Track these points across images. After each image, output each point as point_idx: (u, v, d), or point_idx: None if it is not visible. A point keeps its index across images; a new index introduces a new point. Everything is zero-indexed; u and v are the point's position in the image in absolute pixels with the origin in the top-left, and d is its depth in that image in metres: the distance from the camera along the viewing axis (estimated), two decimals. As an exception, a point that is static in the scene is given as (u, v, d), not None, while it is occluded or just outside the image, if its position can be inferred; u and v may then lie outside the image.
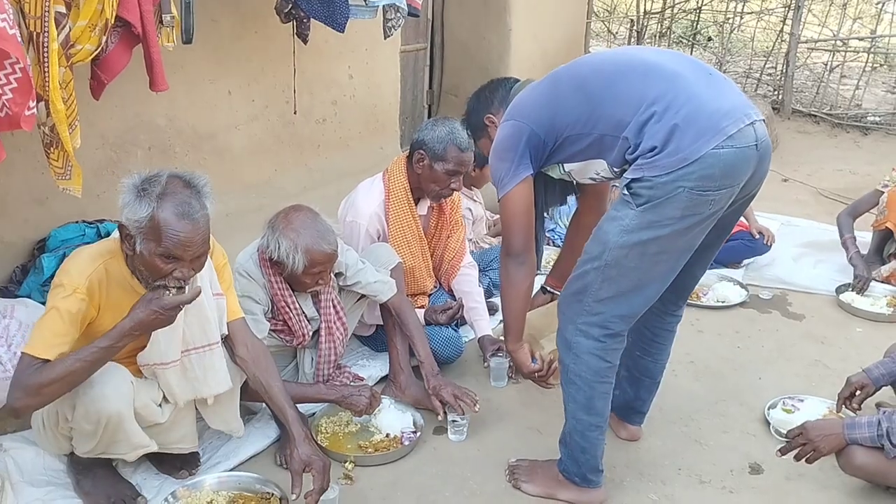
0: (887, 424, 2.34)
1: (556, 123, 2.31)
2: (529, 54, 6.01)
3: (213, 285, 2.34)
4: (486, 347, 3.23)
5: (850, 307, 3.99)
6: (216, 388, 2.36)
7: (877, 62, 8.76)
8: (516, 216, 2.42)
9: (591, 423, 2.43)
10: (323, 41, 4.06)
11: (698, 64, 2.31)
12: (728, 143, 2.12)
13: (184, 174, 2.13)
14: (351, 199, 3.29)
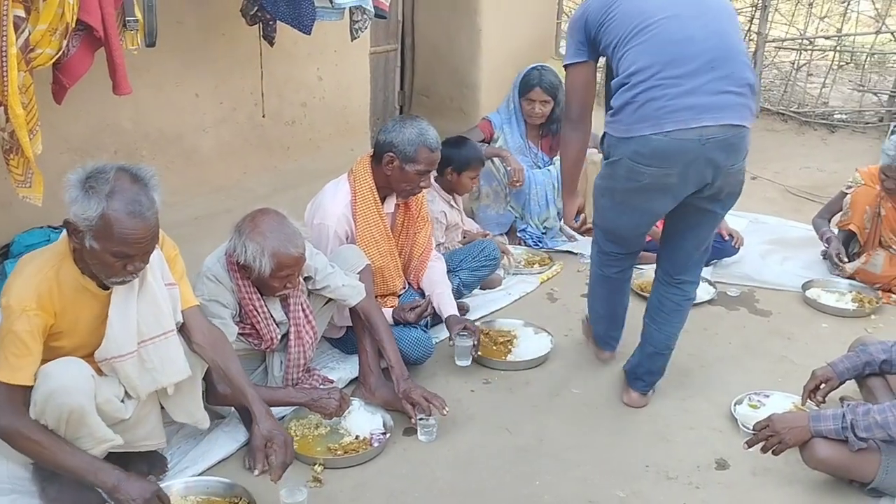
0: (851, 417, 2.38)
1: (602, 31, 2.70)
2: (499, 55, 6.02)
3: (164, 275, 2.35)
4: (452, 327, 3.26)
5: (817, 303, 4.04)
6: (175, 377, 2.36)
7: (843, 60, 8.87)
8: (573, 89, 2.93)
9: (591, 307, 3.31)
10: (291, 43, 4.05)
11: (714, 53, 2.54)
12: (661, 134, 2.53)
13: (130, 167, 2.14)
14: (317, 202, 3.28)
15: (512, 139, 4.67)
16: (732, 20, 2.72)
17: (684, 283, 3.00)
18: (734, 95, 2.55)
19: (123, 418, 2.31)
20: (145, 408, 2.39)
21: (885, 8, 8.44)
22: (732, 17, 2.73)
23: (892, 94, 7.88)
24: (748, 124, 2.62)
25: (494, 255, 3.90)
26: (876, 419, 2.34)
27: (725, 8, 2.72)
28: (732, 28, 2.68)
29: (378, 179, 3.24)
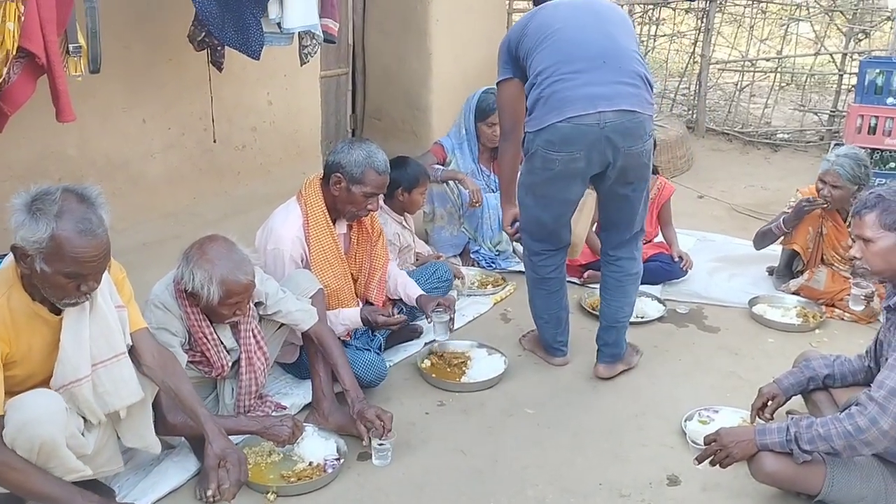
0: (795, 430, 2.43)
1: (519, 47, 3.12)
2: (451, 77, 6.07)
3: (112, 297, 2.33)
4: (426, 305, 3.44)
5: (763, 319, 4.13)
6: (128, 399, 2.33)
7: (784, 82, 9.13)
8: (503, 104, 3.36)
9: (535, 314, 3.55)
10: (240, 68, 4.04)
11: (605, 50, 3.00)
12: (565, 121, 2.96)
13: (76, 187, 2.13)
14: (268, 227, 3.26)
15: (464, 163, 4.72)
16: (624, 26, 3.15)
17: (620, 260, 3.38)
18: (627, 86, 3.00)
19: (86, 454, 2.28)
20: (104, 436, 2.36)
21: (823, 30, 8.73)
22: (624, 23, 3.17)
23: (831, 114, 8.13)
24: (642, 111, 3.03)
25: (447, 277, 3.92)
26: (819, 432, 2.40)
27: (617, 16, 3.16)
28: (623, 32, 3.10)
29: (328, 201, 3.24)
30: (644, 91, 3.04)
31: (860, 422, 2.33)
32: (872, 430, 2.32)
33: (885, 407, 2.31)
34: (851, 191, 4.11)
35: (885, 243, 2.44)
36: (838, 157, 4.12)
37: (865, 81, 6.72)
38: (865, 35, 8.53)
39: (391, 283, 3.59)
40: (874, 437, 2.32)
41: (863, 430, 2.33)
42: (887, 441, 2.33)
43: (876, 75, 6.68)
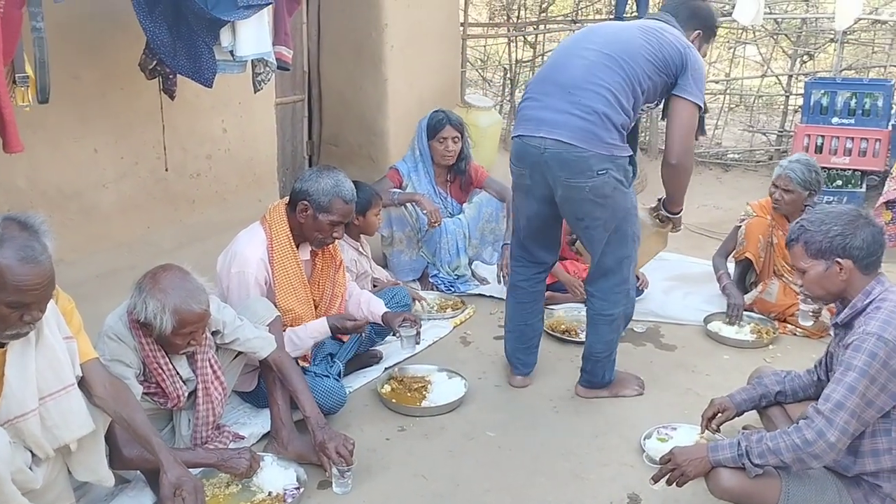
0: (746, 444, 2.47)
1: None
2: (406, 102, 6.11)
3: (60, 328, 2.28)
4: (392, 321, 3.46)
5: (718, 336, 4.20)
6: (78, 431, 2.28)
7: (733, 103, 9.35)
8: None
9: (505, 329, 3.65)
10: (194, 96, 4.02)
11: (573, 79, 3.08)
12: (517, 137, 3.19)
13: (18, 215, 2.10)
14: (232, 251, 3.24)
15: (420, 187, 4.73)
16: (622, 58, 3.07)
17: (591, 297, 3.40)
18: (577, 118, 3.02)
19: (34, 489, 2.21)
20: (54, 470, 2.30)
21: (770, 53, 8.95)
22: (625, 56, 3.07)
23: (779, 134, 8.33)
24: (585, 146, 3.02)
25: (406, 302, 3.92)
26: (768, 445, 2.44)
27: (623, 47, 3.11)
28: (613, 64, 3.06)
29: (293, 227, 3.24)
30: (596, 128, 3.01)
31: (808, 435, 2.38)
32: (819, 442, 2.36)
33: (831, 420, 2.36)
34: (803, 196, 4.26)
35: (817, 270, 2.51)
36: (790, 163, 4.29)
37: (811, 102, 6.93)
38: (810, 57, 8.79)
39: (353, 303, 3.59)
40: (822, 450, 2.37)
41: (810, 442, 2.37)
42: (835, 453, 2.38)
43: (821, 96, 6.89)
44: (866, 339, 2.35)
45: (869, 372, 2.32)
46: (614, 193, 3.12)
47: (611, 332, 3.39)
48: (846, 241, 2.44)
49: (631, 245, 3.28)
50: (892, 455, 2.44)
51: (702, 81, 3.16)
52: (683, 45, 3.14)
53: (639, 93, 3.08)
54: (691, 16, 3.30)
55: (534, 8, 9.11)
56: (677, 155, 3.18)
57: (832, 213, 2.52)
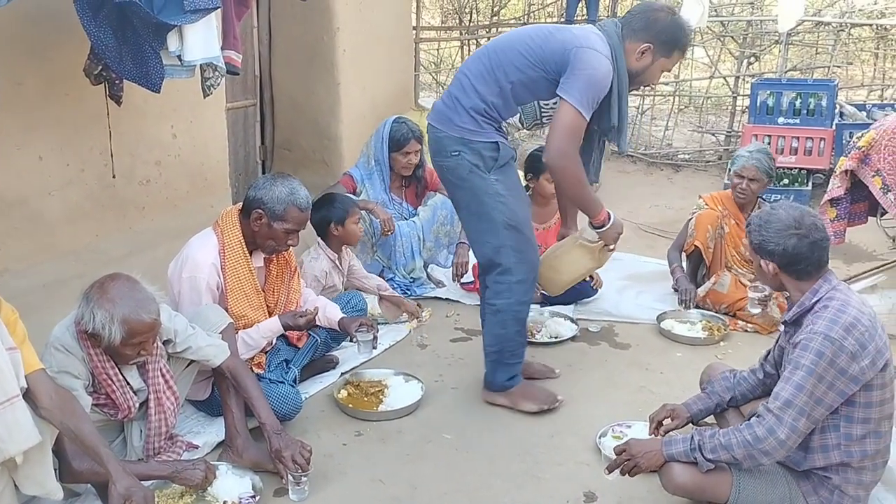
0: (699, 439, 2.52)
1: None
2: (359, 106, 6.09)
3: (3, 340, 2.23)
4: (348, 326, 3.47)
5: (671, 333, 4.26)
6: (24, 444, 2.23)
7: (682, 104, 9.50)
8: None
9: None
10: (142, 101, 3.95)
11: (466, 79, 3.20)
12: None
13: None
14: (184, 256, 3.20)
15: (374, 193, 4.73)
16: (486, 53, 3.22)
17: (482, 287, 3.45)
18: (444, 106, 3.23)
19: None
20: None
21: (717, 55, 9.12)
22: (489, 51, 3.22)
23: (727, 134, 8.49)
24: (441, 128, 3.21)
25: (361, 307, 3.91)
26: (720, 441, 2.49)
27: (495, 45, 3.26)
28: (478, 57, 3.24)
29: (246, 233, 3.21)
30: (449, 111, 3.20)
31: (758, 431, 2.44)
32: (770, 439, 2.42)
33: (780, 417, 2.42)
34: (764, 183, 4.44)
35: (757, 263, 2.64)
36: (752, 153, 4.45)
37: (758, 102, 7.07)
38: (756, 58, 8.98)
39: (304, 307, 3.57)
40: (771, 447, 2.42)
41: (760, 439, 2.43)
42: (785, 450, 2.44)
43: (767, 96, 7.04)
44: (813, 339, 2.41)
45: (816, 371, 2.38)
46: (470, 177, 3.18)
47: (497, 325, 3.32)
48: (770, 248, 2.55)
49: (504, 234, 3.21)
50: (841, 450, 2.50)
51: (589, 87, 3.03)
52: (574, 46, 3.04)
53: (504, 83, 3.12)
54: (643, 28, 3.15)
55: (486, 11, 9.16)
56: (550, 154, 3.09)
57: (774, 216, 2.58)
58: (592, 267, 3.59)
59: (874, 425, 2.48)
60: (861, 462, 2.51)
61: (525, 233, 3.28)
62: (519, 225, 3.24)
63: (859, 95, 9.71)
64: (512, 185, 3.28)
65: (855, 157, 4.17)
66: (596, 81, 3.03)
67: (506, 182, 3.23)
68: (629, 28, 3.16)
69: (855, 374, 2.38)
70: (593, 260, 3.46)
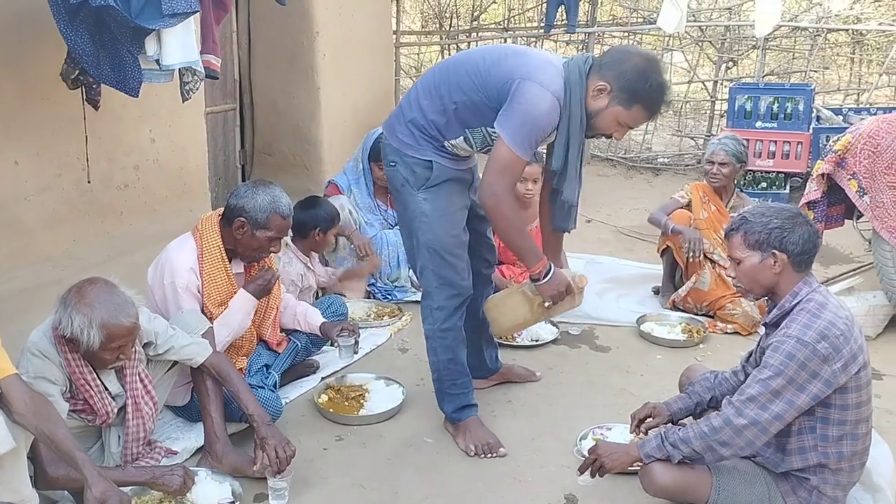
0: (664, 431, 2.59)
1: None
2: (340, 111, 6.09)
3: None
4: (330, 331, 3.46)
5: (651, 336, 4.28)
6: None
7: (662, 108, 9.56)
8: None
9: None
10: (120, 105, 3.93)
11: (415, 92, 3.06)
12: None
13: None
14: (163, 261, 3.18)
15: (361, 199, 4.77)
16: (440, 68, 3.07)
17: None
18: (393, 114, 3.13)
19: None
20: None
21: (696, 60, 9.20)
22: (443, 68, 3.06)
23: (706, 138, 8.55)
24: (387, 136, 3.10)
25: (342, 311, 3.90)
26: (679, 435, 2.54)
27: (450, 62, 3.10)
28: (433, 71, 3.10)
29: (227, 240, 3.20)
30: (397, 124, 3.05)
31: (715, 423, 2.48)
32: (726, 429, 2.46)
33: (740, 410, 2.45)
34: (736, 168, 4.59)
35: (751, 262, 2.57)
36: (721, 140, 4.64)
37: (735, 106, 7.13)
38: (734, 63, 9.07)
39: (289, 314, 3.59)
40: (728, 437, 2.46)
41: (717, 429, 2.47)
42: (742, 441, 2.46)
43: (745, 100, 7.10)
44: (785, 342, 2.43)
45: (785, 372, 2.41)
46: (402, 189, 3.07)
47: (429, 351, 3.21)
48: (784, 235, 2.51)
49: (426, 256, 3.05)
50: (818, 452, 2.53)
51: (525, 125, 2.77)
52: (518, 77, 2.78)
53: (448, 102, 2.92)
54: (609, 65, 2.80)
55: (466, 16, 9.19)
56: (480, 192, 2.91)
57: (774, 208, 2.62)
58: (528, 320, 3.21)
59: (850, 427, 2.51)
60: (838, 463, 2.54)
61: (448, 259, 3.04)
62: (441, 250, 3.02)
63: (836, 99, 9.83)
64: (441, 207, 3.02)
65: (831, 161, 4.21)
66: (533, 119, 2.77)
67: (434, 203, 3.01)
68: (598, 63, 2.83)
69: (827, 378, 2.41)
70: (530, 313, 3.12)
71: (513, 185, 2.91)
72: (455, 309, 3.12)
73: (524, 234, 3.02)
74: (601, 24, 8.90)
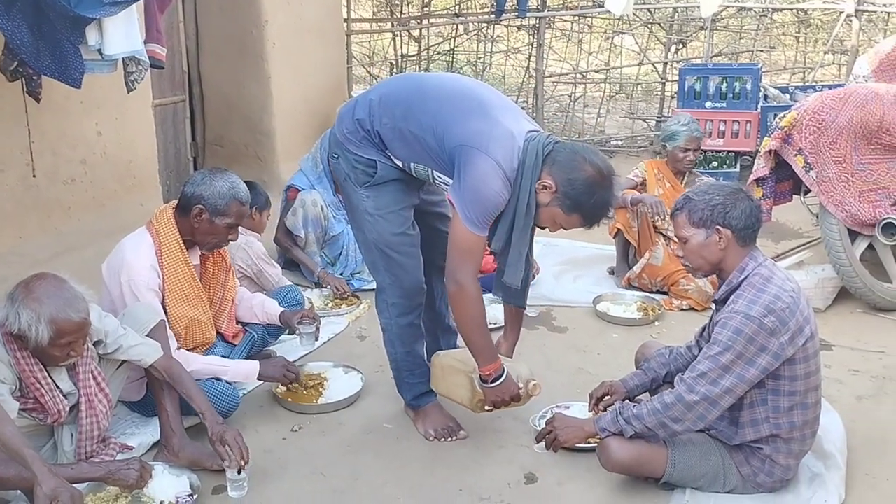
0: (620, 406, 2.65)
1: None
2: (292, 100, 6.04)
3: None
4: (291, 319, 3.48)
5: (607, 315, 4.33)
6: None
7: (613, 91, 9.65)
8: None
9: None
10: (63, 98, 3.84)
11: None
12: None
13: None
14: (118, 259, 3.12)
15: (327, 197, 4.77)
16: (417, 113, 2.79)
17: None
18: (347, 103, 3.01)
19: None
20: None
21: (645, 42, 9.28)
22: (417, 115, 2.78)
23: (658, 120, 8.65)
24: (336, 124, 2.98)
25: (298, 300, 3.88)
26: (633, 412, 2.60)
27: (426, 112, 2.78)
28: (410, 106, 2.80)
29: (183, 231, 3.16)
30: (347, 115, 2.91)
31: (667, 399, 2.54)
32: (678, 405, 2.51)
33: (692, 386, 2.51)
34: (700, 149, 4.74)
35: (697, 240, 2.62)
36: (688, 125, 4.67)
37: (685, 87, 7.23)
38: (683, 45, 9.17)
39: (244, 307, 3.56)
40: (680, 412, 2.51)
41: (669, 406, 2.53)
42: (694, 416, 2.52)
43: (694, 81, 7.19)
44: (733, 317, 2.49)
45: (734, 347, 2.46)
46: (345, 184, 2.98)
47: (386, 343, 3.18)
48: (726, 211, 2.57)
49: (375, 253, 2.99)
50: (770, 423, 2.59)
51: (477, 203, 2.65)
52: (474, 145, 2.65)
53: (403, 126, 2.79)
54: (562, 168, 2.66)
55: (417, 3, 9.15)
56: (447, 277, 2.80)
57: (715, 185, 2.69)
58: (464, 404, 3.00)
59: (800, 397, 2.57)
60: (790, 433, 2.60)
61: (397, 258, 2.96)
62: (388, 248, 2.95)
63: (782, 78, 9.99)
64: (385, 205, 2.91)
65: (778, 138, 4.29)
66: (485, 198, 2.66)
67: (377, 201, 2.91)
68: (553, 156, 2.68)
69: (775, 350, 2.46)
70: (468, 400, 2.95)
71: (477, 269, 2.80)
72: (410, 307, 3.07)
73: (483, 330, 2.85)
74: (552, 9, 8.93)
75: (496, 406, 2.91)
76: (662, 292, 4.59)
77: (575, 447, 2.83)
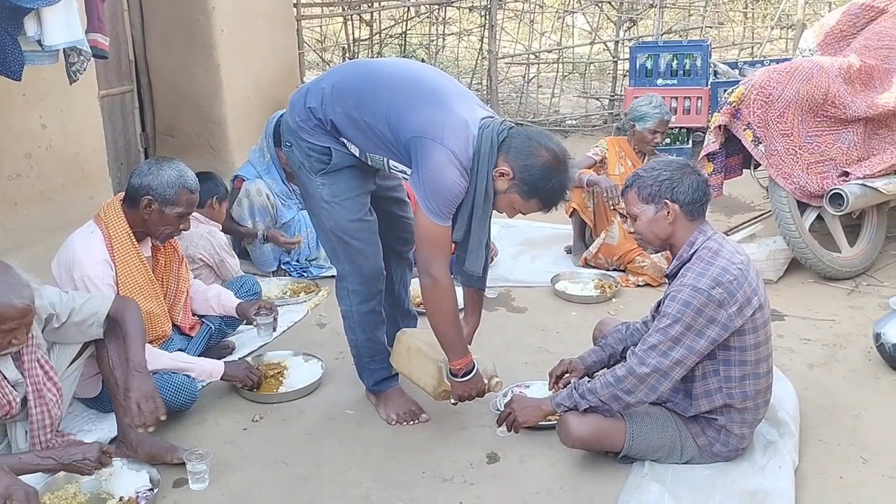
0: (575, 381, 2.71)
1: None
2: (243, 87, 5.95)
3: None
4: (247, 310, 3.47)
5: (565, 294, 4.37)
6: None
7: (566, 71, 9.69)
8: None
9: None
10: (5, 91, 3.74)
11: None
12: None
13: None
14: (69, 256, 3.06)
15: (276, 187, 4.72)
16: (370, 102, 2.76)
17: None
18: (299, 91, 2.97)
19: None
20: None
21: (597, 21, 9.32)
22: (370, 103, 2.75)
23: (611, 98, 8.71)
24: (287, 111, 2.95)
25: (255, 290, 3.86)
26: (587, 387, 2.65)
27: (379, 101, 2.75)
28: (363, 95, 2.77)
29: (133, 223, 3.11)
30: (298, 103, 2.87)
31: (619, 372, 2.59)
32: (630, 378, 2.56)
33: (643, 358, 2.56)
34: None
35: (647, 215, 2.67)
36: (660, 107, 4.69)
37: (637, 66, 7.28)
38: (633, 23, 9.22)
39: (200, 300, 3.53)
40: (632, 385, 2.57)
41: (621, 379, 2.58)
42: (646, 387, 2.57)
43: (645, 59, 7.25)
44: (682, 290, 2.53)
45: (683, 319, 2.50)
46: (300, 172, 2.95)
47: (347, 329, 3.19)
48: (674, 185, 2.61)
49: (333, 240, 2.99)
50: (723, 393, 2.64)
51: (436, 194, 2.64)
52: (429, 137, 2.63)
53: (357, 116, 2.76)
54: (518, 154, 2.65)
55: (368, -14, 9.09)
56: (420, 271, 2.80)
57: (662, 161, 2.73)
58: (427, 390, 3.01)
59: (751, 367, 2.63)
60: (743, 403, 2.65)
61: (355, 245, 2.96)
62: (346, 235, 2.94)
63: (731, 54, 10.13)
64: (340, 193, 2.90)
65: (727, 113, 4.35)
66: (444, 189, 2.64)
67: (333, 188, 2.90)
68: (508, 142, 2.67)
69: (724, 322, 2.51)
70: (432, 388, 2.96)
71: (447, 260, 2.79)
72: (371, 294, 3.07)
73: (455, 324, 2.86)
74: (504, -10, 8.93)
75: (461, 399, 2.93)
76: (619, 270, 4.64)
77: (536, 425, 2.86)
